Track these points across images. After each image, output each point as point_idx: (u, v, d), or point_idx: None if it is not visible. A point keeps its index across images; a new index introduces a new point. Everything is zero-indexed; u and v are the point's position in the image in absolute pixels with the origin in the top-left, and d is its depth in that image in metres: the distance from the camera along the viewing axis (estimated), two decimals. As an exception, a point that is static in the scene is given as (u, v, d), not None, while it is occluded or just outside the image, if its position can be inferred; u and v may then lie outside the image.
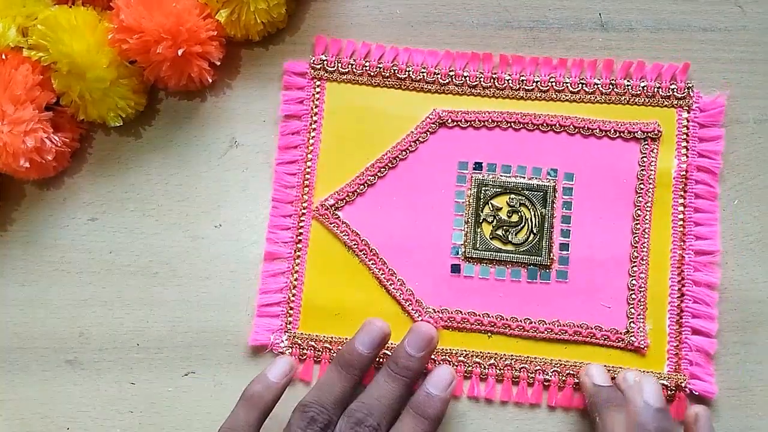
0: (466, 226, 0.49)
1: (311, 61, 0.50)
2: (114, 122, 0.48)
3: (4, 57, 0.46)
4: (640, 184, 0.48)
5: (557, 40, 0.51)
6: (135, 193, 0.50)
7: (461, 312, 0.48)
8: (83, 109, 0.48)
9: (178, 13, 0.45)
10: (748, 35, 0.51)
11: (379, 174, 0.49)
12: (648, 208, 0.48)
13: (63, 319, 0.49)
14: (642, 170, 0.48)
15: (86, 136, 0.51)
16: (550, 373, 0.47)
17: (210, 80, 0.49)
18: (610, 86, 0.49)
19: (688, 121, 0.49)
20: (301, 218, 0.49)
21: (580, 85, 0.49)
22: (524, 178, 0.49)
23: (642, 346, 0.47)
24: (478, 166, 0.49)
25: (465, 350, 0.48)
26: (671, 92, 0.49)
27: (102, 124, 0.50)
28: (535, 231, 0.49)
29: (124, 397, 0.48)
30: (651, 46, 0.51)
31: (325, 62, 0.50)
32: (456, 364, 0.47)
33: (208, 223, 0.50)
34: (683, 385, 0.46)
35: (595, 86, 0.49)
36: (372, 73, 0.50)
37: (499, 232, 0.49)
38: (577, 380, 0.47)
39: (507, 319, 0.48)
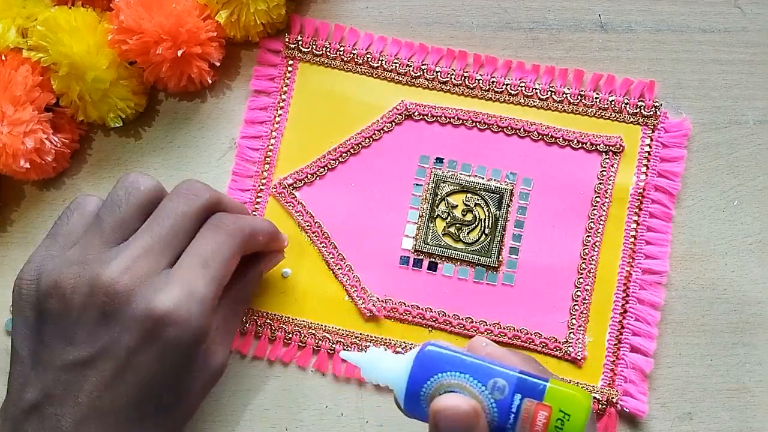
0: (419, 219, 0.49)
1: (286, 40, 0.51)
2: (114, 123, 0.49)
3: (3, 58, 0.46)
4: (597, 197, 0.48)
5: (557, 41, 0.51)
6: (135, 194, 0.50)
7: (404, 304, 0.48)
8: (83, 110, 0.48)
9: (177, 14, 0.46)
10: (747, 36, 0.51)
11: (340, 159, 0.50)
12: (601, 222, 0.48)
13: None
14: (600, 183, 0.49)
15: (86, 137, 0.51)
16: (484, 374, 0.47)
17: (210, 81, 0.49)
18: (579, 97, 0.49)
19: (651, 140, 0.49)
20: (259, 194, 0.50)
21: (549, 92, 0.50)
22: (483, 178, 0.49)
23: (579, 358, 0.47)
24: (439, 161, 0.49)
25: (404, 342, 0.48)
26: (638, 109, 0.49)
27: (102, 125, 0.50)
28: (487, 232, 0.49)
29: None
30: (650, 47, 0.51)
31: (300, 42, 0.51)
32: (387, 350, 0.47)
33: (208, 224, 0.50)
34: (615, 401, 0.46)
35: (564, 95, 0.50)
36: (345, 59, 0.51)
37: (452, 229, 0.49)
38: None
39: (449, 316, 0.48)
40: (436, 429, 0.33)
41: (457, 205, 0.49)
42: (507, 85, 0.50)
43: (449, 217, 0.49)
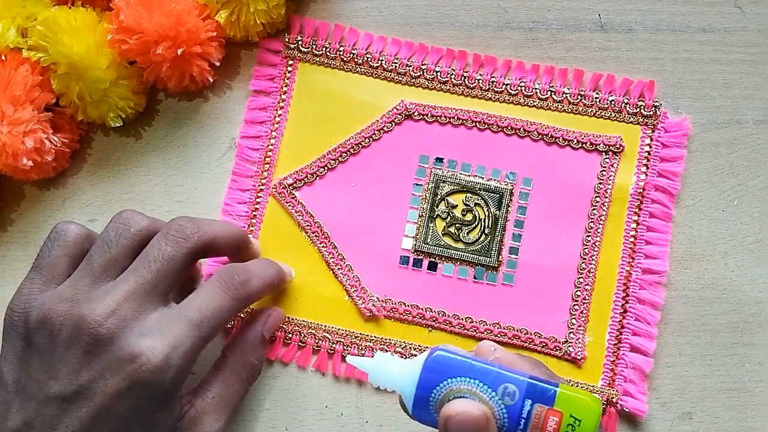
0: (419, 219, 0.49)
1: (286, 40, 0.51)
2: (114, 123, 0.48)
3: (3, 58, 0.46)
4: (597, 197, 0.48)
5: (556, 41, 0.51)
6: (134, 194, 0.50)
7: (404, 304, 0.48)
8: (82, 109, 0.48)
9: (177, 14, 0.46)
10: (747, 36, 0.51)
11: (340, 159, 0.50)
12: (601, 222, 0.48)
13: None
14: (600, 183, 0.49)
15: (86, 136, 0.51)
16: (484, 374, 0.47)
17: (210, 81, 0.49)
18: (579, 97, 0.49)
19: (651, 140, 0.49)
20: (259, 194, 0.50)
21: (549, 92, 0.50)
22: (483, 178, 0.49)
23: (579, 358, 0.47)
24: (438, 161, 0.49)
25: (404, 342, 0.48)
26: (638, 109, 0.49)
27: (101, 125, 0.50)
28: (487, 232, 0.49)
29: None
30: (650, 47, 0.51)
31: (300, 42, 0.51)
32: (393, 354, 0.48)
33: (208, 224, 0.50)
34: (615, 400, 0.46)
35: (564, 95, 0.49)
36: (345, 59, 0.51)
37: (452, 229, 0.49)
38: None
39: (448, 316, 0.48)
40: None
41: (456, 205, 0.49)
42: (507, 84, 0.50)
43: (449, 217, 0.49)
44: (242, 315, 0.48)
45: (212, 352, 0.45)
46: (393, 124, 0.50)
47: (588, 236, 0.48)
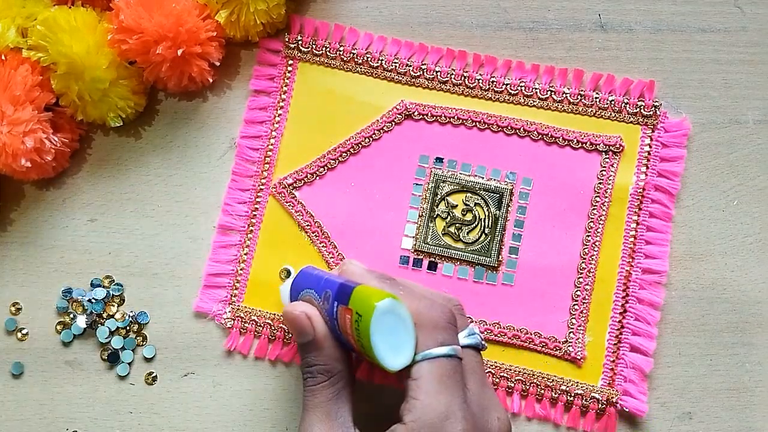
0: (419, 219, 0.49)
1: (285, 40, 0.51)
2: (114, 123, 0.48)
3: (3, 58, 0.46)
4: (597, 196, 0.48)
5: (557, 41, 0.51)
6: (134, 193, 0.50)
7: (404, 303, 0.48)
8: (82, 109, 0.48)
9: (177, 14, 0.46)
10: (747, 36, 0.51)
11: (340, 158, 0.50)
12: (601, 222, 0.48)
13: (64, 321, 0.49)
14: (600, 183, 0.49)
15: (86, 136, 0.51)
16: (484, 374, 0.47)
17: (210, 81, 0.49)
18: (579, 97, 0.49)
19: (651, 140, 0.49)
20: (258, 194, 0.50)
21: (549, 92, 0.50)
22: (483, 178, 0.49)
23: (579, 357, 0.47)
24: (438, 161, 0.49)
25: (404, 342, 0.48)
26: (638, 109, 0.49)
27: (101, 125, 0.50)
28: (487, 232, 0.49)
29: (124, 398, 0.48)
30: (650, 47, 0.51)
31: (300, 42, 0.51)
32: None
33: (208, 223, 0.50)
34: (615, 400, 0.47)
35: (564, 95, 0.49)
36: (345, 58, 0.51)
37: (452, 229, 0.49)
38: (510, 384, 0.47)
39: (448, 316, 0.48)
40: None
41: (456, 205, 0.49)
42: (507, 84, 0.50)
43: (449, 217, 0.49)
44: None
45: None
46: (393, 124, 0.50)
47: (588, 236, 0.48)
